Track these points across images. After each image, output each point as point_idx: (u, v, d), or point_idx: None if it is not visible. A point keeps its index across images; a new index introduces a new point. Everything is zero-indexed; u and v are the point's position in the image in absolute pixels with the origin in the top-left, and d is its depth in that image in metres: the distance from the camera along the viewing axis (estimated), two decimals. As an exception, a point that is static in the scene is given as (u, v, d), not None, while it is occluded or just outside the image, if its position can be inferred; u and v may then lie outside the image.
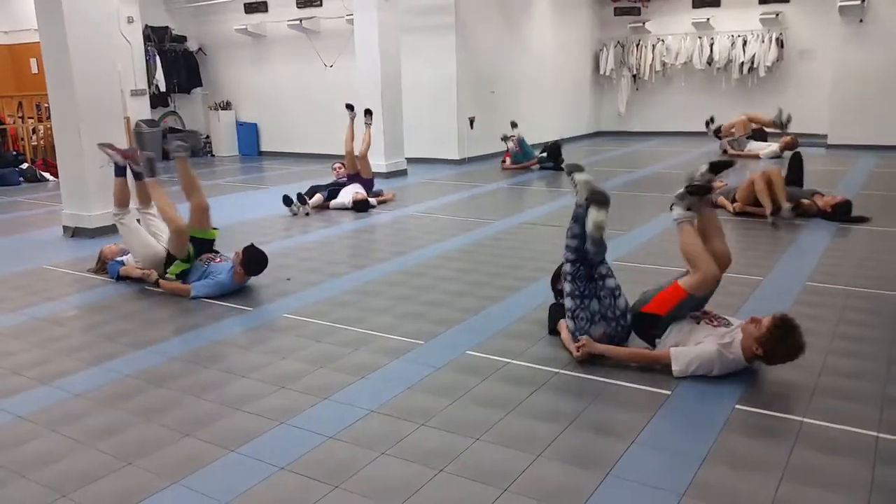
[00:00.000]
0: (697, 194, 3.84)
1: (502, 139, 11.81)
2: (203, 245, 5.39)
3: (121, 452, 3.02)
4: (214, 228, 5.52)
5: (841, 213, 7.08)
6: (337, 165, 9.36)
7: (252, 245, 5.27)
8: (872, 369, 3.66)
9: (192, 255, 5.29)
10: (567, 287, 3.89)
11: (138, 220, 5.65)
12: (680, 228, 3.84)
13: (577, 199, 3.81)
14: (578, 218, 3.81)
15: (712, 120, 7.60)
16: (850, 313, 4.51)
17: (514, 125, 11.68)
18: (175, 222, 5.19)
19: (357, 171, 8.87)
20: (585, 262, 3.82)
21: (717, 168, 3.89)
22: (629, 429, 3.11)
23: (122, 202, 5.56)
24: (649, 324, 3.83)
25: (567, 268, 3.89)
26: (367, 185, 8.85)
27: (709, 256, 3.72)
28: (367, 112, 9.59)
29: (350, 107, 9.65)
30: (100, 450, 3.05)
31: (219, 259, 5.36)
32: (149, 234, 5.56)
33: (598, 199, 3.67)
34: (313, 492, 2.70)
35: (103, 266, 5.81)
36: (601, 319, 3.82)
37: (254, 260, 5.19)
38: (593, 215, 3.66)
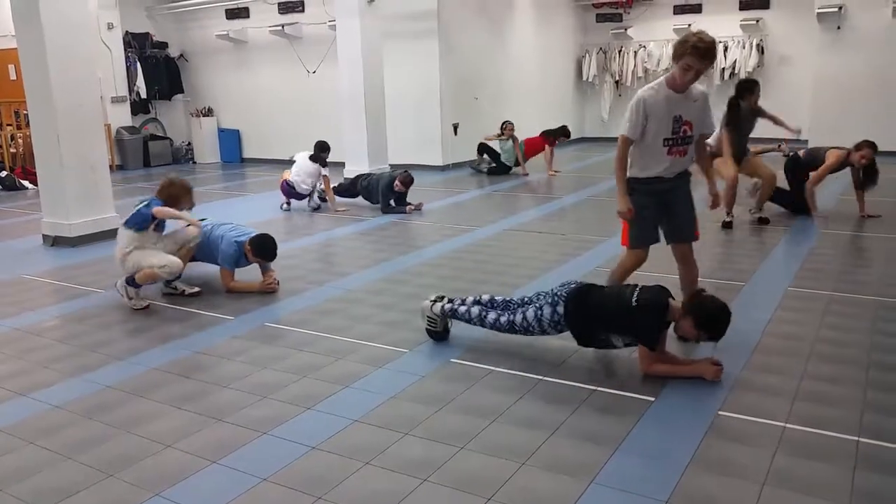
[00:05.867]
0: None
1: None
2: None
3: (100, 465, 2.98)
4: None
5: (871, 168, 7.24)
6: None
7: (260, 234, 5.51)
8: (853, 374, 3.69)
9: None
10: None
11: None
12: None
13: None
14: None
15: None
16: (832, 318, 4.55)
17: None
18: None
19: None
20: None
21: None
22: (613, 435, 3.11)
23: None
24: None
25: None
26: None
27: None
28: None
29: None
30: (79, 462, 3.01)
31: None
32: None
33: None
34: (296, 503, 2.68)
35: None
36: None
37: (260, 245, 5.42)
38: None
